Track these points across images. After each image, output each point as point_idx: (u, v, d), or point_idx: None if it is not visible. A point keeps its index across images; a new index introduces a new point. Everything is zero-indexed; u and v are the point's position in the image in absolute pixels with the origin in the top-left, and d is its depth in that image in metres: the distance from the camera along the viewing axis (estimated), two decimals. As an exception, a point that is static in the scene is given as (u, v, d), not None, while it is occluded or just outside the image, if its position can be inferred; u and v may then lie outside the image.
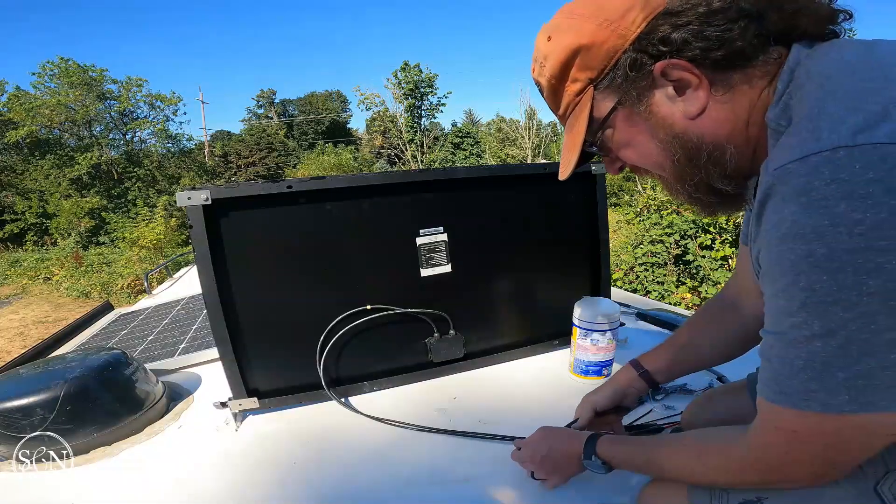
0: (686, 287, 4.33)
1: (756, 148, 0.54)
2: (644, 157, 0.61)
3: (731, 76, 0.52)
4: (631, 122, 0.58)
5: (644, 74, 0.53)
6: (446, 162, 22.23)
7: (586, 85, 0.58)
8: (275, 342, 1.14)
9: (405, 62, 22.55)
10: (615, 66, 0.55)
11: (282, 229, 1.10)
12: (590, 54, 0.55)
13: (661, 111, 0.55)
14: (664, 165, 0.59)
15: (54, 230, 15.43)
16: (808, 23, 0.51)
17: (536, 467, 0.82)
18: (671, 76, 0.53)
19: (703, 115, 0.53)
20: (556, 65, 0.58)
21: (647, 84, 0.54)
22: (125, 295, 8.81)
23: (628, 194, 11.33)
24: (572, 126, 0.61)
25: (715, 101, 0.53)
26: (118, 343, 1.72)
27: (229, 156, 24.96)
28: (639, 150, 0.60)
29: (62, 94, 15.81)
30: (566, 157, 0.63)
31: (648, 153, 0.59)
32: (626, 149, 0.62)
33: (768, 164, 0.46)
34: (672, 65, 0.51)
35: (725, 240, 4.38)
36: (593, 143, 0.62)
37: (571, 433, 0.83)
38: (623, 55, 0.54)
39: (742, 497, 0.60)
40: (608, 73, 0.56)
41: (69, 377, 1.01)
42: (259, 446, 1.02)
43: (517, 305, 1.37)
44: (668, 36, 0.51)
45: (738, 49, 0.50)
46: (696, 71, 0.51)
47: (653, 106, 0.55)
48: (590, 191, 1.37)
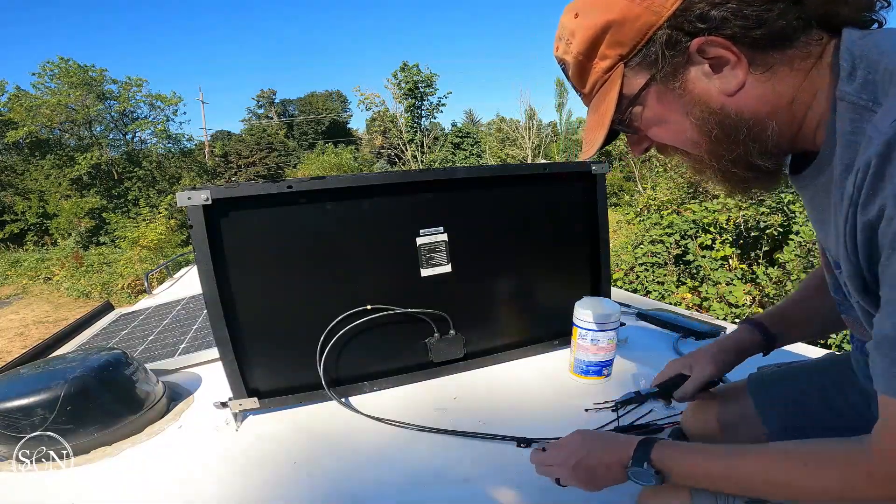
0: (686, 287, 4.33)
1: (802, 125, 0.54)
2: (676, 134, 0.60)
3: (771, 56, 0.51)
4: (663, 99, 0.57)
5: (679, 51, 0.53)
6: (446, 162, 22.23)
7: (616, 62, 0.57)
8: (275, 342, 1.14)
9: (404, 62, 22.59)
10: (648, 42, 0.54)
11: (282, 229, 1.10)
12: (621, 30, 0.54)
13: (696, 88, 0.54)
14: (698, 142, 0.58)
15: (54, 230, 15.44)
16: (848, 10, 0.51)
17: (567, 474, 0.72)
18: (708, 54, 0.52)
19: (742, 92, 0.53)
20: (585, 41, 0.57)
21: (682, 61, 0.53)
22: (125, 295, 8.81)
23: (628, 194, 11.32)
24: (599, 104, 0.60)
25: (754, 78, 0.52)
26: (118, 343, 1.72)
27: (229, 156, 24.96)
28: (671, 128, 0.59)
29: (62, 94, 15.81)
30: (591, 136, 0.62)
31: (681, 130, 0.58)
32: (656, 127, 0.61)
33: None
34: (710, 42, 0.51)
35: (725, 240, 4.38)
36: (620, 122, 0.61)
37: (614, 436, 0.75)
38: (657, 31, 0.53)
39: (747, 496, 0.60)
40: (640, 50, 0.55)
41: (69, 377, 1.01)
42: (259, 446, 1.02)
43: (517, 305, 1.37)
44: (706, 13, 0.50)
45: (777, 29, 0.49)
46: (734, 49, 0.51)
47: (687, 83, 0.54)
48: (590, 191, 1.37)
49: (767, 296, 3.85)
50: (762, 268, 4.02)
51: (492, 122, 28.92)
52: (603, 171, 1.36)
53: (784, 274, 3.81)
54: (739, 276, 4.08)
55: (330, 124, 33.14)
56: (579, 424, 1.01)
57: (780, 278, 3.83)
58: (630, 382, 1.19)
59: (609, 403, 1.08)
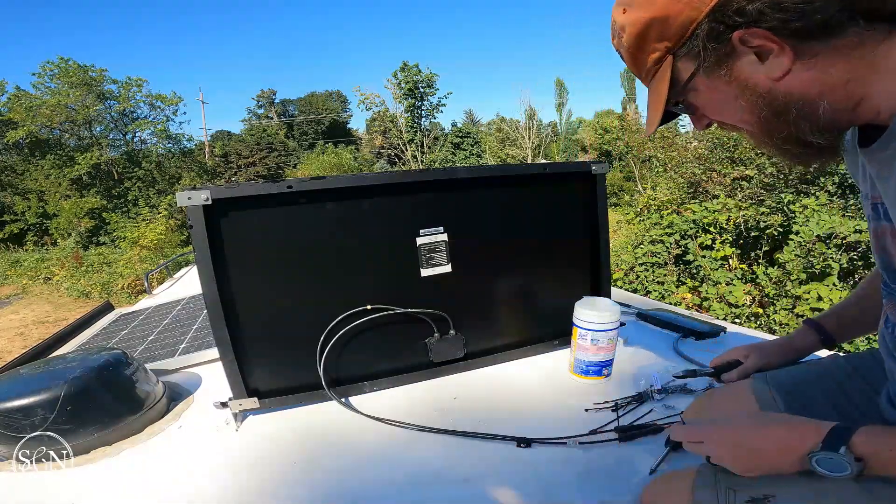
0: (686, 287, 4.33)
1: (860, 103, 0.55)
2: (730, 115, 0.63)
3: (815, 45, 0.53)
4: (714, 84, 0.60)
5: (723, 43, 0.55)
6: (446, 162, 22.23)
7: (665, 53, 0.60)
8: (275, 342, 1.14)
9: (404, 62, 22.60)
10: (692, 36, 0.57)
11: (282, 229, 1.10)
12: (665, 26, 0.58)
13: (743, 75, 0.57)
14: (751, 122, 0.61)
15: (54, 230, 15.44)
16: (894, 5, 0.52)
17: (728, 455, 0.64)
18: (751, 43, 0.54)
19: (789, 77, 0.55)
20: (633, 36, 0.61)
21: (727, 51, 0.56)
22: (125, 295, 8.81)
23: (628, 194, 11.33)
24: (654, 90, 0.64)
25: (801, 64, 0.54)
26: (118, 343, 1.72)
27: (229, 156, 24.97)
28: (724, 109, 0.63)
29: (62, 94, 15.82)
30: (650, 116, 0.66)
31: (733, 112, 0.62)
32: (711, 108, 0.64)
33: None
34: (750, 33, 0.53)
35: (725, 240, 4.38)
36: (678, 103, 0.65)
37: (792, 418, 0.67)
38: (699, 26, 0.55)
39: (749, 494, 0.60)
40: (686, 43, 0.58)
41: (69, 377, 1.01)
42: (259, 446, 1.02)
43: (517, 305, 1.37)
44: (743, 7, 0.52)
45: (818, 22, 0.51)
46: (775, 39, 0.52)
47: (735, 70, 0.57)
48: (590, 191, 1.37)
49: (767, 296, 3.85)
50: (762, 268, 4.02)
51: (492, 122, 28.97)
52: (603, 171, 1.36)
53: (784, 274, 3.81)
54: (739, 276, 4.08)
55: (330, 124, 33.16)
56: (579, 424, 1.01)
57: (780, 278, 3.83)
58: (630, 382, 1.19)
59: (609, 403, 1.08)
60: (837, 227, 3.61)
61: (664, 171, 6.61)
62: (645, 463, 0.87)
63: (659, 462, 0.86)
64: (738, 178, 5.11)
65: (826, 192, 4.41)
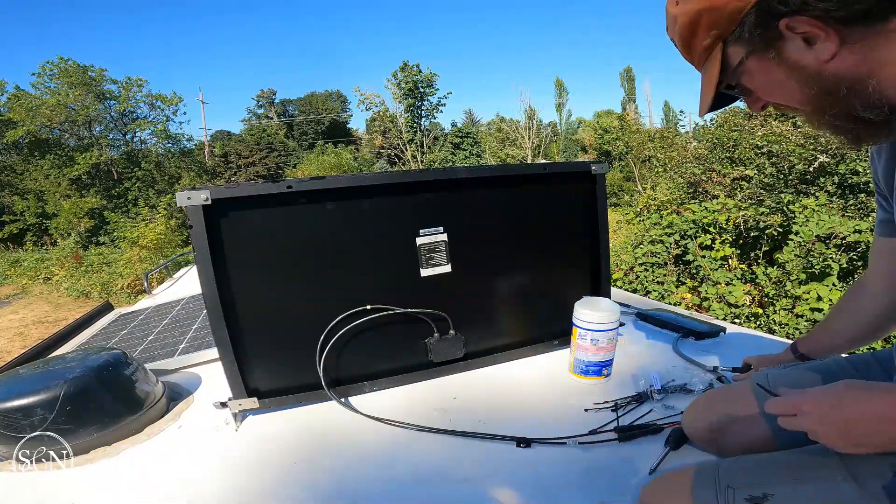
0: (686, 287, 4.33)
1: None
2: (783, 95, 0.66)
3: (860, 30, 0.55)
4: (765, 68, 0.64)
5: (770, 29, 0.59)
6: (446, 162, 22.23)
7: (715, 40, 0.64)
8: (275, 342, 1.14)
9: (404, 62, 22.58)
10: (741, 24, 0.60)
11: (282, 229, 1.10)
12: (714, 15, 0.62)
13: (792, 58, 0.60)
14: (803, 101, 0.64)
15: (54, 230, 15.43)
16: None
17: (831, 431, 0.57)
18: (798, 30, 0.57)
19: (837, 59, 0.58)
20: (685, 25, 0.66)
21: (775, 36, 0.59)
22: (125, 295, 8.80)
23: (628, 194, 11.34)
24: (706, 74, 0.68)
25: (847, 47, 0.57)
26: (118, 343, 1.72)
27: (229, 156, 24.95)
28: (777, 91, 0.66)
29: (62, 94, 15.81)
30: (702, 98, 0.70)
31: (786, 92, 0.65)
32: (764, 90, 0.68)
33: None
34: (796, 21, 0.56)
35: (725, 240, 4.38)
36: (731, 87, 0.69)
37: None
38: (746, 15, 0.59)
39: (748, 493, 0.60)
40: (735, 30, 0.61)
41: (69, 377, 1.01)
42: (259, 446, 1.02)
43: (517, 305, 1.37)
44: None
45: (859, 10, 0.54)
46: (821, 25, 0.56)
47: (784, 53, 0.60)
48: (590, 191, 1.37)
49: (767, 296, 3.85)
50: (762, 268, 4.02)
51: (492, 122, 28.98)
52: (603, 172, 1.37)
53: (783, 274, 3.81)
54: (739, 276, 4.08)
55: (330, 124, 33.16)
56: (579, 424, 1.01)
57: (779, 278, 3.83)
58: (630, 382, 1.19)
59: (609, 404, 1.08)
60: (837, 227, 3.61)
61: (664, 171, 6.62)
62: (645, 463, 0.87)
63: (659, 462, 0.86)
64: (738, 178, 5.11)
65: (826, 193, 4.42)
